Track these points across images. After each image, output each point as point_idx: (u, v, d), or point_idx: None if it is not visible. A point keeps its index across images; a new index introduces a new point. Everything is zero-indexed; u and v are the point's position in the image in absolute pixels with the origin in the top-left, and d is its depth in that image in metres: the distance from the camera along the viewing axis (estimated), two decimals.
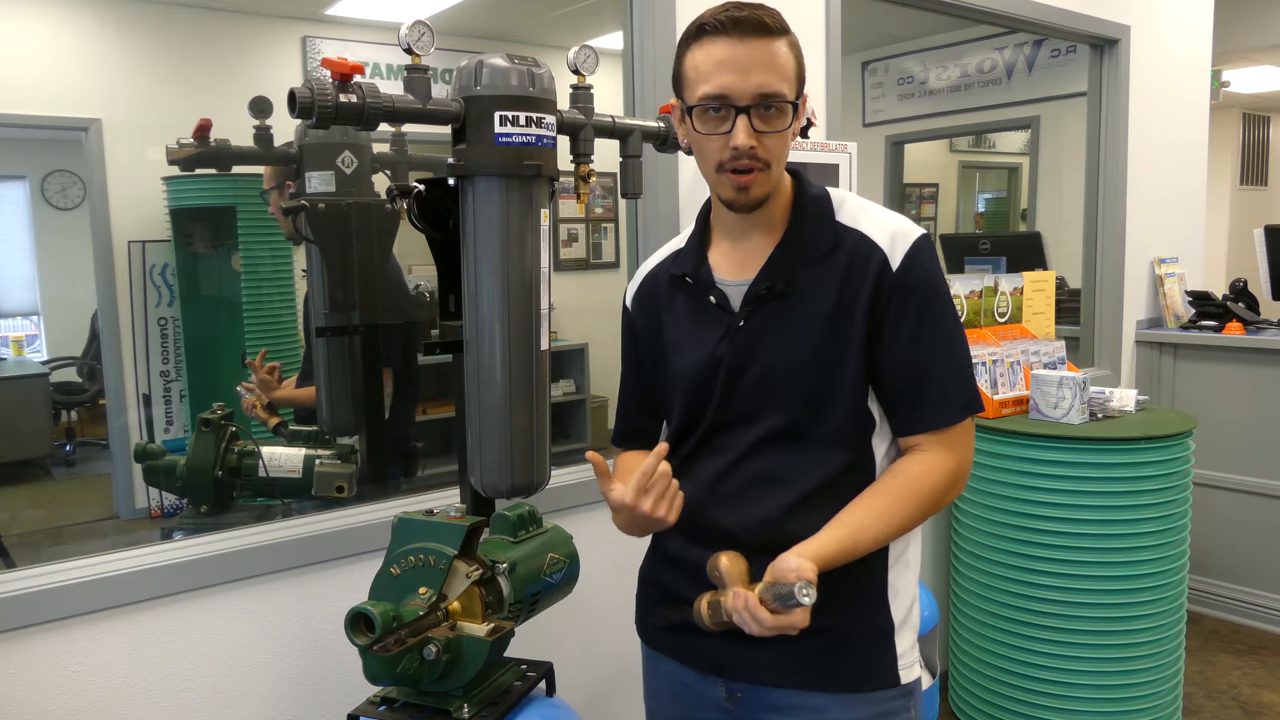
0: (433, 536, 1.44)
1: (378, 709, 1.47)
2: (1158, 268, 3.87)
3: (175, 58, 3.65)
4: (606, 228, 5.87)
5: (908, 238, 1.26)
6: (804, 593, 1.09)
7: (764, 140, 1.20)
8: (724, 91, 1.18)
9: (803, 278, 1.27)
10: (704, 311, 1.33)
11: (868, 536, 1.22)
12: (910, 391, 1.26)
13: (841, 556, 1.20)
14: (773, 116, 1.20)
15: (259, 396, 2.33)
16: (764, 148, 1.20)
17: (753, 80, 1.17)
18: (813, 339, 1.25)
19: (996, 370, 2.80)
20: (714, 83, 1.18)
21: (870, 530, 1.22)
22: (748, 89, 1.18)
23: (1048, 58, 5.18)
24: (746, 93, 1.18)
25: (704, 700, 1.37)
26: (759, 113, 1.19)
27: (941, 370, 1.26)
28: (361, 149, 2.17)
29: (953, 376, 1.27)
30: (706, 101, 1.20)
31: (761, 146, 1.20)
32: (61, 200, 5.50)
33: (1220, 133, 7.48)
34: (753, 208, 1.26)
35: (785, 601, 1.11)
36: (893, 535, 1.25)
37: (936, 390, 1.26)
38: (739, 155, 1.20)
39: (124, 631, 1.68)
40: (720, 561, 1.19)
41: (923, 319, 1.25)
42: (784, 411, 1.27)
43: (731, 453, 1.30)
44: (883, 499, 1.24)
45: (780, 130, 1.21)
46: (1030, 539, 2.57)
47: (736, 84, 1.18)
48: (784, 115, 1.21)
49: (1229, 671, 3.29)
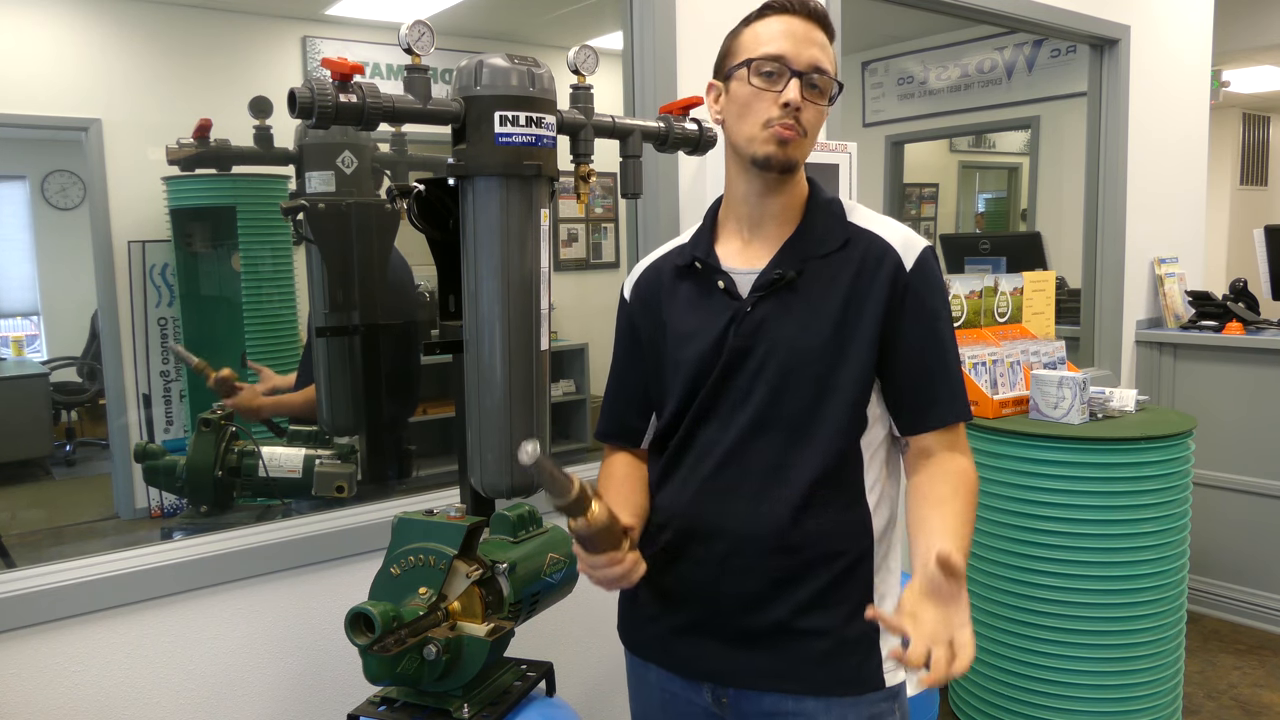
0: (433, 536, 1.44)
1: (378, 709, 1.47)
2: (1158, 268, 3.87)
3: (175, 58, 3.64)
4: (606, 228, 5.87)
5: (918, 245, 1.32)
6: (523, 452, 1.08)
7: (807, 109, 1.28)
8: (783, 53, 1.27)
9: (813, 269, 1.30)
10: (711, 298, 1.34)
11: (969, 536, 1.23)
12: (924, 391, 1.30)
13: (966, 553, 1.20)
14: (817, 93, 1.29)
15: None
16: (805, 116, 1.28)
17: (809, 52, 1.28)
18: (820, 329, 1.27)
19: (996, 370, 2.80)
20: (775, 45, 1.28)
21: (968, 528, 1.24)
22: (804, 58, 1.27)
23: (1048, 58, 5.18)
24: (802, 60, 1.27)
25: (692, 708, 1.37)
26: (808, 84, 1.28)
27: (949, 373, 1.31)
28: (361, 149, 2.17)
29: (957, 381, 1.32)
30: (765, 61, 1.28)
31: (804, 114, 1.28)
32: (61, 200, 5.50)
33: (1220, 133, 7.48)
34: (786, 167, 1.29)
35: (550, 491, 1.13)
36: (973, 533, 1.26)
37: (946, 391, 1.30)
38: (788, 113, 1.26)
39: (124, 631, 1.68)
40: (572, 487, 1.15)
41: (935, 324, 1.30)
42: (780, 402, 1.28)
43: (724, 446, 1.31)
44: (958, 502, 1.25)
45: (820, 105, 1.30)
46: (1030, 539, 2.57)
47: (795, 51, 1.27)
48: (825, 94, 1.30)
49: (1229, 671, 3.29)
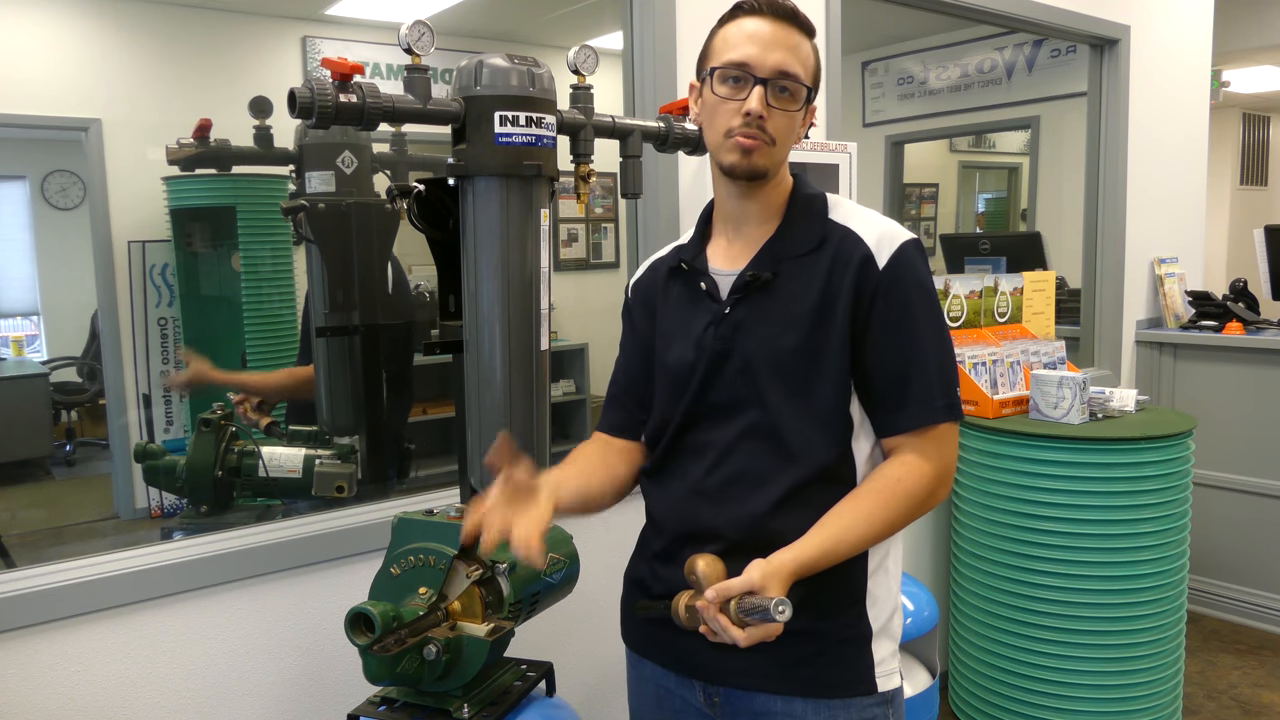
0: (433, 536, 1.44)
1: (378, 709, 1.47)
2: (1158, 268, 3.87)
3: (175, 58, 3.64)
4: (606, 228, 5.86)
5: (896, 239, 1.28)
6: (780, 610, 1.08)
7: (774, 116, 1.25)
8: (747, 60, 1.24)
9: (788, 270, 1.29)
10: (696, 300, 1.35)
11: (849, 540, 1.22)
12: (893, 392, 1.27)
13: (824, 560, 1.20)
14: (786, 98, 1.26)
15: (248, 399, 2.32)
16: (773, 123, 1.25)
17: (774, 56, 1.24)
18: (794, 330, 1.26)
19: (996, 370, 2.80)
20: (739, 51, 1.25)
21: (852, 534, 1.22)
22: (769, 63, 1.24)
23: (1048, 58, 5.18)
24: (767, 66, 1.24)
25: (685, 705, 1.37)
26: (774, 90, 1.25)
27: (924, 372, 1.26)
28: (361, 149, 2.17)
29: (936, 379, 1.27)
30: (729, 67, 1.25)
31: (770, 121, 1.25)
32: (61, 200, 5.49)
33: (1220, 133, 7.48)
34: (752, 175, 1.28)
35: (760, 617, 1.10)
36: (875, 539, 1.24)
37: (919, 392, 1.26)
38: (749, 122, 1.24)
39: (124, 631, 1.68)
40: (697, 565, 1.18)
41: (906, 319, 1.26)
42: (765, 404, 1.27)
43: (714, 449, 1.30)
44: (864, 503, 1.24)
45: (790, 111, 1.26)
46: (1030, 539, 2.57)
47: (759, 56, 1.24)
48: (796, 98, 1.26)
49: (1229, 671, 3.29)
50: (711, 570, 1.18)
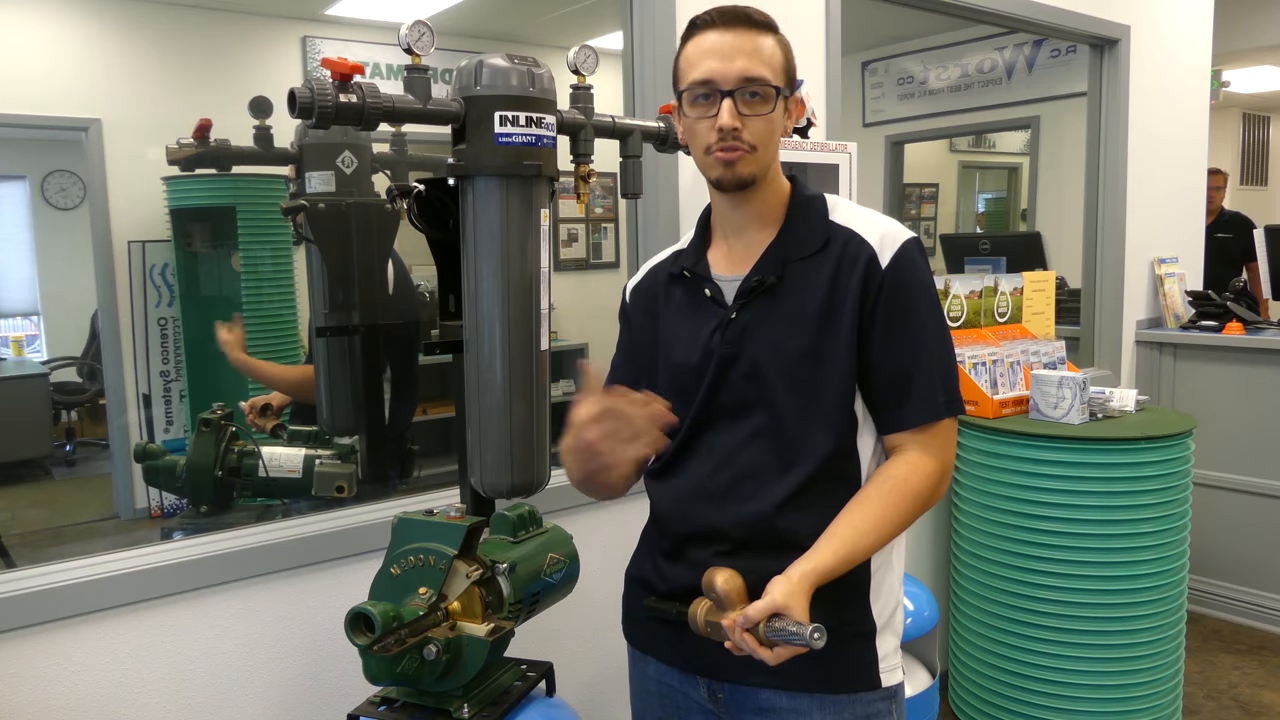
0: (433, 536, 1.44)
1: (378, 709, 1.47)
2: (1158, 268, 3.87)
3: (175, 58, 3.64)
4: (606, 228, 5.86)
5: (897, 239, 1.29)
6: (815, 637, 1.07)
7: (749, 124, 1.24)
8: (709, 76, 1.24)
9: (793, 272, 1.29)
10: (700, 305, 1.35)
11: (865, 545, 1.22)
12: (896, 389, 1.28)
13: (841, 568, 1.20)
14: (757, 102, 1.25)
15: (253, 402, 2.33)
16: (749, 131, 1.24)
17: (736, 65, 1.23)
18: (801, 333, 1.27)
19: (996, 370, 2.80)
20: (701, 69, 1.25)
21: (867, 539, 1.22)
22: (731, 73, 1.23)
23: (1048, 58, 5.18)
24: (730, 77, 1.23)
25: (688, 701, 1.37)
26: (743, 98, 1.24)
27: (926, 370, 1.27)
28: (361, 149, 2.17)
29: (938, 376, 1.28)
30: (694, 87, 1.25)
31: (746, 129, 1.24)
32: (61, 200, 5.49)
33: (1220, 133, 7.48)
34: (740, 186, 1.28)
35: (792, 641, 1.10)
36: (887, 540, 1.25)
37: (921, 389, 1.27)
38: (724, 137, 1.24)
39: (124, 631, 1.68)
40: (716, 581, 1.17)
41: (908, 318, 1.27)
42: (772, 405, 1.28)
43: (720, 450, 1.31)
44: (875, 505, 1.24)
45: (764, 115, 1.25)
46: (1030, 539, 2.57)
47: (721, 69, 1.23)
48: (768, 101, 1.25)
49: (1229, 671, 3.29)
50: (730, 586, 1.17)
